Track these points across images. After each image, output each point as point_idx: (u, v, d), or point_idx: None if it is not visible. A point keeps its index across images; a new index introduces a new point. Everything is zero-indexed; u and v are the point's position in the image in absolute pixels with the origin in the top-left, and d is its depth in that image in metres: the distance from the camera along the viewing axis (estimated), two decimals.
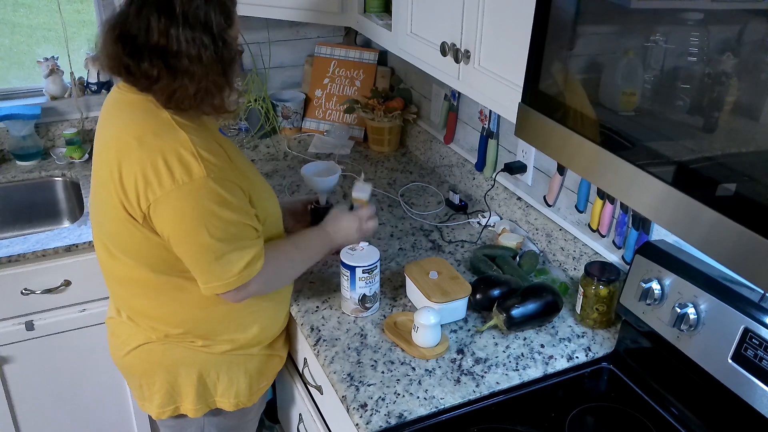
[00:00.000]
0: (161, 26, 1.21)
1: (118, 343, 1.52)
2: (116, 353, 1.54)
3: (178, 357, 1.47)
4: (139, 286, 1.40)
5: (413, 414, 1.30)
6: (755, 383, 1.17)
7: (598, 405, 1.41)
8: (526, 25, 1.15)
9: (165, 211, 1.25)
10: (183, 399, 1.51)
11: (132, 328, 1.48)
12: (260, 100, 2.44)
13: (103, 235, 1.39)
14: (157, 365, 1.48)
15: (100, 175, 1.33)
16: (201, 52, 1.24)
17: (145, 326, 1.46)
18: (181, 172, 1.23)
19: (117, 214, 1.29)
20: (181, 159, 1.23)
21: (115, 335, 1.52)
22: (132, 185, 1.25)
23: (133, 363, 1.51)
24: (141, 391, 1.54)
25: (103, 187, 1.32)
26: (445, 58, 1.51)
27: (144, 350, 1.48)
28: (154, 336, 1.46)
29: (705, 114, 0.86)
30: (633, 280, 1.40)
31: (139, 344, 1.47)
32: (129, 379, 1.58)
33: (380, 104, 2.33)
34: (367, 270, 1.49)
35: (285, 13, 2.04)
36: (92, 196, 1.40)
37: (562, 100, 1.09)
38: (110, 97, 1.40)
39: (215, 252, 1.28)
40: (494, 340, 1.50)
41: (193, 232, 1.26)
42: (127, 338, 1.49)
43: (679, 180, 0.90)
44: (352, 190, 1.67)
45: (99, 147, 1.36)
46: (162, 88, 1.26)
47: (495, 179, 1.97)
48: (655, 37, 0.92)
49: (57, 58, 2.33)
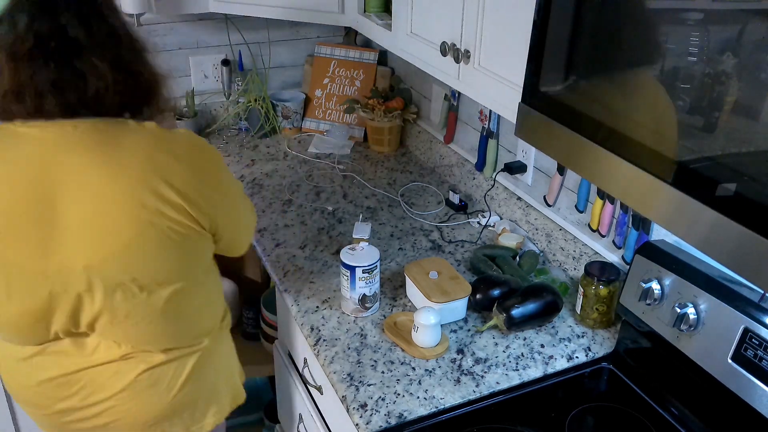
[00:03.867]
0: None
1: (162, 388, 1.34)
2: (162, 400, 1.35)
3: (223, 349, 1.47)
4: (180, 298, 1.29)
5: (413, 414, 1.30)
6: (755, 383, 1.17)
7: (598, 405, 1.41)
8: (526, 25, 1.15)
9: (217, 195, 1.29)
10: (238, 392, 1.54)
11: (174, 363, 1.34)
12: (260, 100, 2.44)
13: (127, 276, 1.21)
14: (213, 372, 1.41)
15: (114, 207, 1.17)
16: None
17: (187, 350, 1.36)
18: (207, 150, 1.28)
19: (158, 238, 1.20)
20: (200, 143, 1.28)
21: (158, 383, 1.33)
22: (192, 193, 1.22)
23: (188, 393, 1.37)
24: (193, 416, 1.41)
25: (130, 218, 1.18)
26: (445, 58, 1.51)
27: (196, 371, 1.37)
28: (197, 348, 1.36)
29: (705, 114, 0.86)
30: (633, 280, 1.40)
31: (189, 369, 1.36)
32: (180, 412, 1.39)
33: (380, 104, 2.33)
34: (367, 270, 1.49)
35: (285, 13, 2.04)
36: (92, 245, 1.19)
37: (562, 100, 1.09)
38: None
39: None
40: (494, 340, 1.50)
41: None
42: (173, 374, 1.34)
43: (679, 180, 0.90)
44: (353, 231, 1.75)
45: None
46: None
47: (495, 179, 1.97)
48: (655, 36, 0.92)
49: None
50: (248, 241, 1.48)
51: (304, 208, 2.02)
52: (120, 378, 1.31)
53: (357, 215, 1.98)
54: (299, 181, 2.19)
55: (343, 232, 1.90)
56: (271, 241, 1.85)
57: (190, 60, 2.43)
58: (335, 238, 1.87)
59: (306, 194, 2.10)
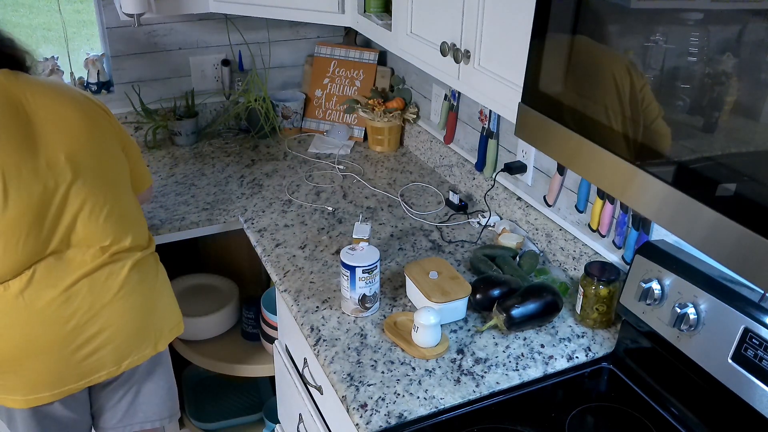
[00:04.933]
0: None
1: (148, 282, 1.60)
2: (153, 292, 1.60)
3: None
4: (134, 204, 1.58)
5: (413, 414, 1.30)
6: (755, 383, 1.17)
7: (598, 405, 1.41)
8: (526, 25, 1.15)
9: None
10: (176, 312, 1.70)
11: (148, 257, 1.60)
12: (260, 100, 2.44)
13: (104, 182, 1.49)
14: (166, 283, 1.68)
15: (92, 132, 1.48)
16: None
17: (145, 245, 1.59)
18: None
19: (116, 151, 1.54)
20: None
21: (144, 280, 1.59)
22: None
23: (162, 287, 1.64)
24: (164, 318, 1.64)
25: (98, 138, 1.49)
26: (445, 58, 1.51)
27: (161, 271, 1.64)
28: (151, 251, 1.62)
29: (705, 114, 0.86)
30: (633, 280, 1.40)
31: (157, 267, 1.63)
32: (157, 314, 1.61)
33: (380, 104, 2.34)
34: (367, 270, 1.49)
35: (285, 13, 2.04)
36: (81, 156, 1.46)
37: (562, 100, 1.09)
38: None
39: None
40: (494, 340, 1.50)
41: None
42: (151, 268, 1.60)
43: (679, 180, 0.90)
44: (353, 231, 1.74)
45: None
46: None
47: (495, 179, 1.97)
48: (654, 37, 0.92)
49: (57, 58, 2.33)
50: (148, 179, 1.72)
51: (304, 208, 2.02)
52: (115, 277, 1.50)
53: (357, 215, 1.98)
54: (299, 181, 2.19)
55: (343, 232, 1.90)
56: (271, 241, 1.85)
57: (190, 60, 2.43)
58: (335, 238, 1.87)
59: (306, 194, 2.10)
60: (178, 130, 2.38)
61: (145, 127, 2.41)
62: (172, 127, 2.39)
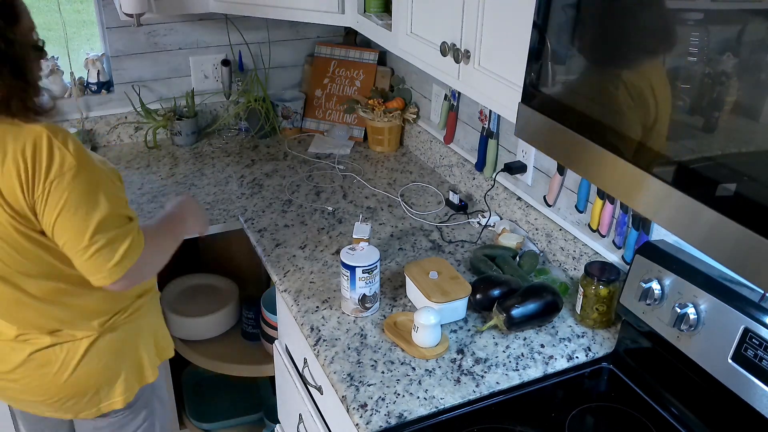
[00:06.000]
0: None
1: (55, 369, 1.39)
2: (57, 381, 1.40)
3: (123, 334, 1.45)
4: (56, 293, 1.34)
5: (413, 414, 1.30)
6: (755, 383, 1.17)
7: (598, 405, 1.41)
8: (526, 25, 1.15)
9: (50, 204, 1.22)
10: (143, 368, 1.49)
11: (65, 346, 1.39)
12: (260, 100, 2.44)
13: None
14: (109, 356, 1.42)
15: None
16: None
17: (80, 332, 1.39)
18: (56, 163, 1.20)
19: (8, 233, 1.24)
20: (51, 150, 1.19)
21: (48, 364, 1.39)
22: (12, 191, 1.20)
23: (85, 373, 1.41)
24: (98, 396, 1.45)
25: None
26: (445, 58, 1.51)
27: (93, 352, 1.40)
28: (94, 333, 1.40)
29: (705, 114, 0.86)
30: (633, 280, 1.40)
31: (85, 350, 1.40)
32: (82, 393, 1.44)
33: (380, 104, 2.34)
34: (367, 270, 1.49)
35: (285, 13, 2.04)
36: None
37: (562, 100, 1.09)
38: None
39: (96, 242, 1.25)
40: (494, 340, 1.50)
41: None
42: (66, 356, 1.39)
43: (679, 180, 0.90)
44: (353, 231, 1.73)
45: None
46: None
47: (495, 179, 1.97)
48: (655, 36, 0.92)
49: (57, 58, 2.33)
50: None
51: (304, 208, 2.02)
52: (16, 355, 1.39)
53: (357, 215, 1.98)
54: (299, 181, 2.19)
55: (343, 232, 1.90)
56: (271, 241, 1.85)
57: (190, 60, 2.43)
58: (335, 238, 1.87)
59: (306, 194, 2.10)
60: (178, 130, 2.38)
61: (145, 127, 2.41)
62: (172, 127, 2.39)
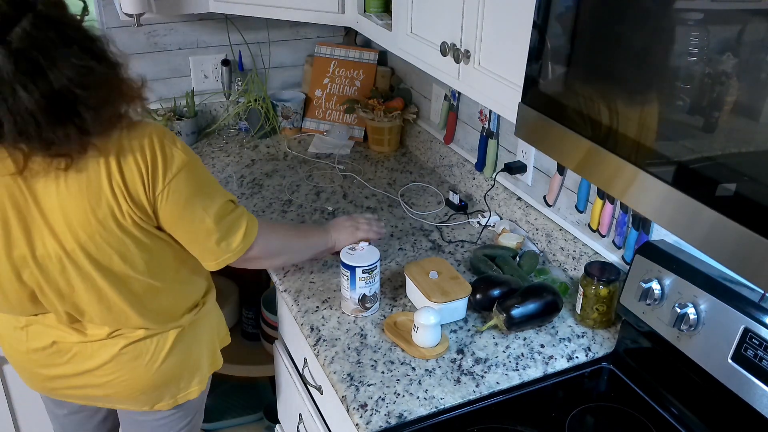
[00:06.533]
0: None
1: (147, 360, 1.44)
2: (148, 372, 1.45)
3: (202, 326, 1.53)
4: (152, 292, 1.37)
5: (413, 414, 1.30)
6: (755, 383, 1.17)
7: (598, 405, 1.41)
8: (526, 25, 1.15)
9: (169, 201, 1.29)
10: (216, 357, 1.60)
11: (156, 337, 1.44)
12: (260, 100, 2.44)
13: (91, 264, 1.28)
14: (194, 346, 1.51)
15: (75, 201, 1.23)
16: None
17: (169, 325, 1.45)
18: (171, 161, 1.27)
19: (117, 230, 1.26)
20: (164, 149, 1.26)
21: (140, 356, 1.43)
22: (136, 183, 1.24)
23: (173, 363, 1.47)
24: (179, 386, 1.51)
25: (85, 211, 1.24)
26: (445, 58, 1.51)
27: (180, 342, 1.47)
28: (177, 326, 1.46)
29: (705, 114, 0.86)
30: (633, 280, 1.40)
31: (171, 344, 1.45)
32: (168, 384, 1.49)
33: (380, 104, 2.33)
34: (367, 270, 1.49)
35: (285, 13, 2.04)
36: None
37: (562, 100, 1.09)
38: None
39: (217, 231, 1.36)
40: (494, 340, 1.50)
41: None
42: (157, 346, 1.44)
43: (679, 180, 0.90)
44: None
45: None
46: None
47: (495, 179, 1.97)
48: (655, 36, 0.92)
49: None
50: (219, 249, 1.38)
51: (304, 208, 2.02)
52: (107, 350, 1.41)
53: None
54: (299, 181, 2.19)
55: None
56: None
57: (190, 60, 2.43)
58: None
59: (306, 194, 2.10)
60: (178, 130, 2.38)
61: None
62: (172, 127, 2.39)
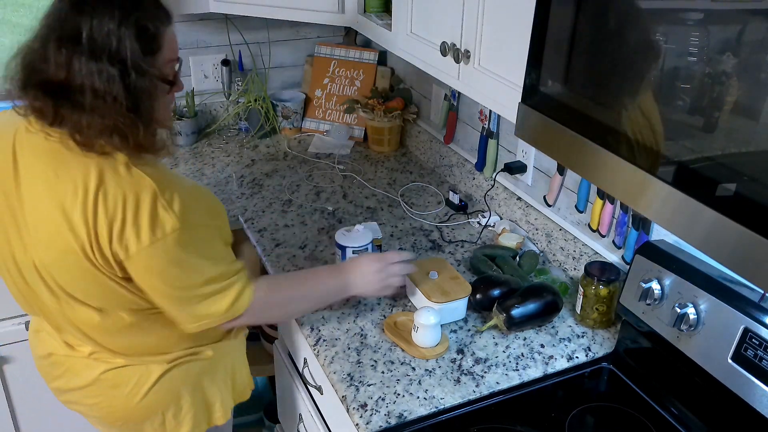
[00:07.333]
0: (62, 58, 1.09)
1: (126, 391, 1.37)
2: (128, 403, 1.38)
3: (198, 370, 1.42)
4: (128, 329, 1.30)
5: (413, 414, 1.30)
6: (755, 383, 1.17)
7: (598, 405, 1.41)
8: (526, 25, 1.15)
9: (141, 265, 1.18)
10: (214, 409, 1.48)
11: (139, 368, 1.36)
12: (260, 100, 2.44)
13: (56, 285, 1.24)
14: (183, 387, 1.41)
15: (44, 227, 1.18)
16: (106, 85, 1.10)
17: (151, 360, 1.37)
18: (156, 227, 1.14)
19: (80, 265, 1.19)
20: (154, 209, 1.14)
21: (120, 385, 1.37)
22: (105, 234, 1.14)
23: (155, 399, 1.39)
24: (164, 426, 1.43)
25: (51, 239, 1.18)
26: (445, 58, 1.51)
27: (166, 380, 1.38)
28: (167, 364, 1.38)
29: (705, 114, 0.86)
30: (633, 280, 1.40)
31: (158, 377, 1.37)
32: (149, 419, 1.42)
33: (380, 104, 2.33)
34: (357, 251, 1.47)
35: (285, 13, 2.04)
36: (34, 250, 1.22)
37: (562, 100, 1.09)
38: (22, 140, 1.21)
39: (198, 297, 1.24)
40: (494, 340, 1.50)
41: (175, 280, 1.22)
42: (140, 379, 1.37)
43: (679, 180, 0.90)
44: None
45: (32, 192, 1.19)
46: (71, 125, 1.13)
47: (495, 179, 1.97)
48: (655, 36, 0.92)
49: None
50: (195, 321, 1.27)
51: (304, 208, 2.02)
52: (90, 371, 1.38)
53: (357, 215, 1.98)
54: (299, 181, 2.19)
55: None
56: (271, 241, 1.85)
57: (190, 60, 2.43)
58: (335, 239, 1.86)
59: (306, 194, 2.10)
60: (178, 130, 2.38)
61: None
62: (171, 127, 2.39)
